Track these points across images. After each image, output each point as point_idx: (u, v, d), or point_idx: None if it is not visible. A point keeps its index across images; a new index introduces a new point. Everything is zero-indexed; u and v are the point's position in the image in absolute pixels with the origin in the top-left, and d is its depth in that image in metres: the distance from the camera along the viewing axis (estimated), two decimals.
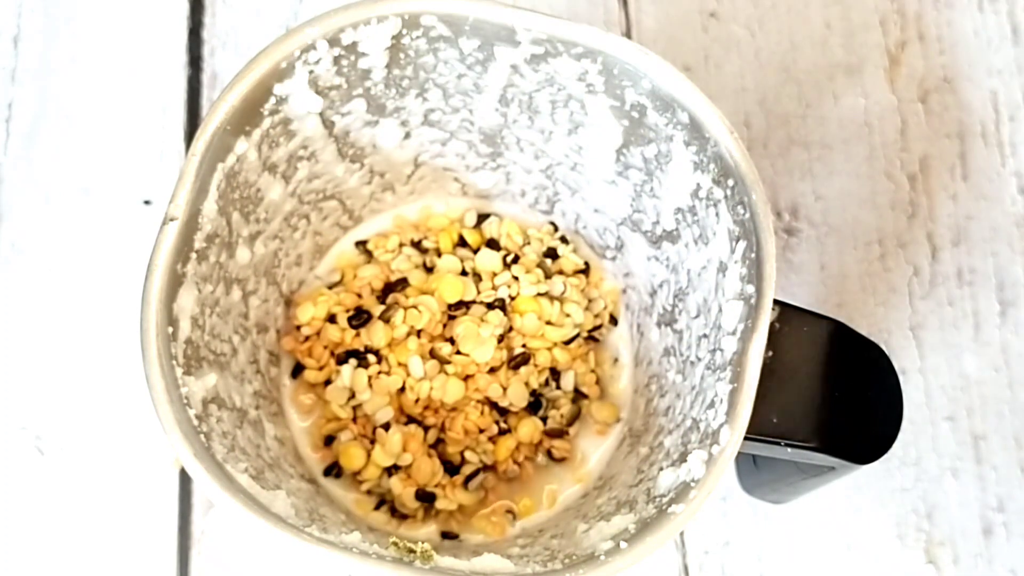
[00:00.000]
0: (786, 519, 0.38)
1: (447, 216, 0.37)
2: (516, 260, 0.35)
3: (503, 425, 0.34)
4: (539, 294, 0.34)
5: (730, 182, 0.28)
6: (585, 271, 0.36)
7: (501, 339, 0.34)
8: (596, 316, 0.36)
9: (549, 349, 0.34)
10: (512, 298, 0.34)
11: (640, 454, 0.32)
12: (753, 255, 0.27)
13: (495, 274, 0.35)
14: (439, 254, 0.35)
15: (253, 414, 0.31)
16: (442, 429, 0.34)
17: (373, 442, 0.33)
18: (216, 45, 0.42)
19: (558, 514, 0.34)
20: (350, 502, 0.33)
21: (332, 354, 0.34)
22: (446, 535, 0.33)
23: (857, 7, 0.44)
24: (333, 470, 0.34)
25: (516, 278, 0.34)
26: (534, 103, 0.31)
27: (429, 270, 0.35)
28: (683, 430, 0.28)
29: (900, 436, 0.29)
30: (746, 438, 0.26)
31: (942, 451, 0.39)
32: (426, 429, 0.34)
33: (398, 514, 0.33)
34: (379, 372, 0.33)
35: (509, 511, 0.34)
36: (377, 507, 0.33)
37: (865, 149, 0.42)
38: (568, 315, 0.35)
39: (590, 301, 0.36)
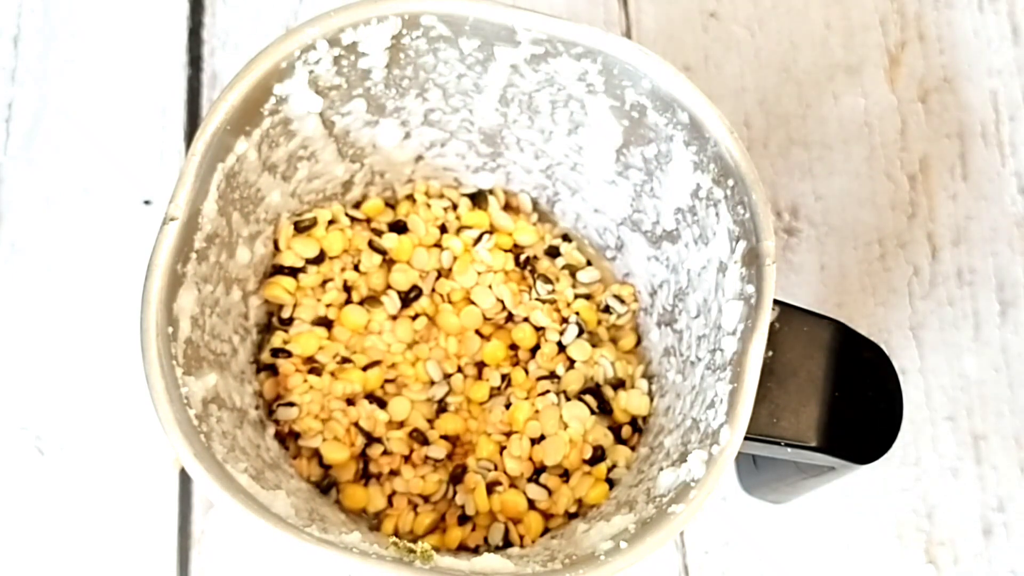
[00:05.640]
0: (786, 519, 0.38)
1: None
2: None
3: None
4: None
5: (730, 182, 0.28)
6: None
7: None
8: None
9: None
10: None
11: (640, 454, 0.32)
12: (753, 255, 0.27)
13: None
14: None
15: (253, 414, 0.31)
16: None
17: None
18: (216, 45, 0.42)
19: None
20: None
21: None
22: None
23: (857, 7, 0.44)
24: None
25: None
26: (534, 103, 0.31)
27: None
28: (683, 430, 0.28)
29: (900, 436, 0.29)
30: (746, 438, 0.26)
31: (942, 451, 0.39)
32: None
33: None
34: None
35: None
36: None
37: (865, 149, 0.42)
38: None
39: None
